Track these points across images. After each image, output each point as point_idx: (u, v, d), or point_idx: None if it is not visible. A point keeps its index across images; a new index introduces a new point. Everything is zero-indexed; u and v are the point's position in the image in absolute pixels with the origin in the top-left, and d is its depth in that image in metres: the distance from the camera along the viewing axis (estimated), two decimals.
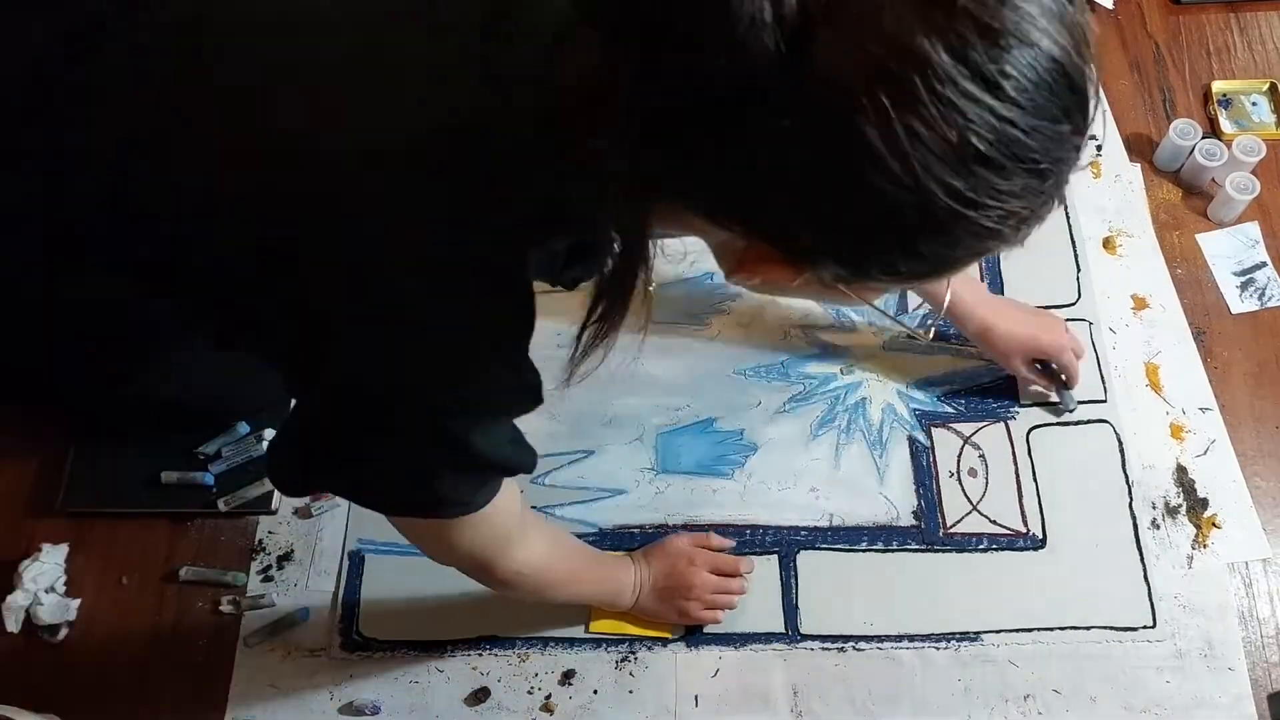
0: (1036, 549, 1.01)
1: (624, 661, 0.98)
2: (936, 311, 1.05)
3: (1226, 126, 1.23)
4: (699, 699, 0.96)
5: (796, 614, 0.99)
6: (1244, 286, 1.14)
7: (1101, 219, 1.18)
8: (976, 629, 0.98)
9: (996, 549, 1.02)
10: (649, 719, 0.96)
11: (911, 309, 1.13)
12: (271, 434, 1.07)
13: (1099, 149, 1.22)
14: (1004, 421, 1.08)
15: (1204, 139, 1.17)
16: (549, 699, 0.97)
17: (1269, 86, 1.25)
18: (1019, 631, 0.98)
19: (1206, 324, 1.12)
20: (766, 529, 1.03)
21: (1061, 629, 0.98)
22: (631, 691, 0.97)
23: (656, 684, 0.97)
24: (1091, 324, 1.12)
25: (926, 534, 1.03)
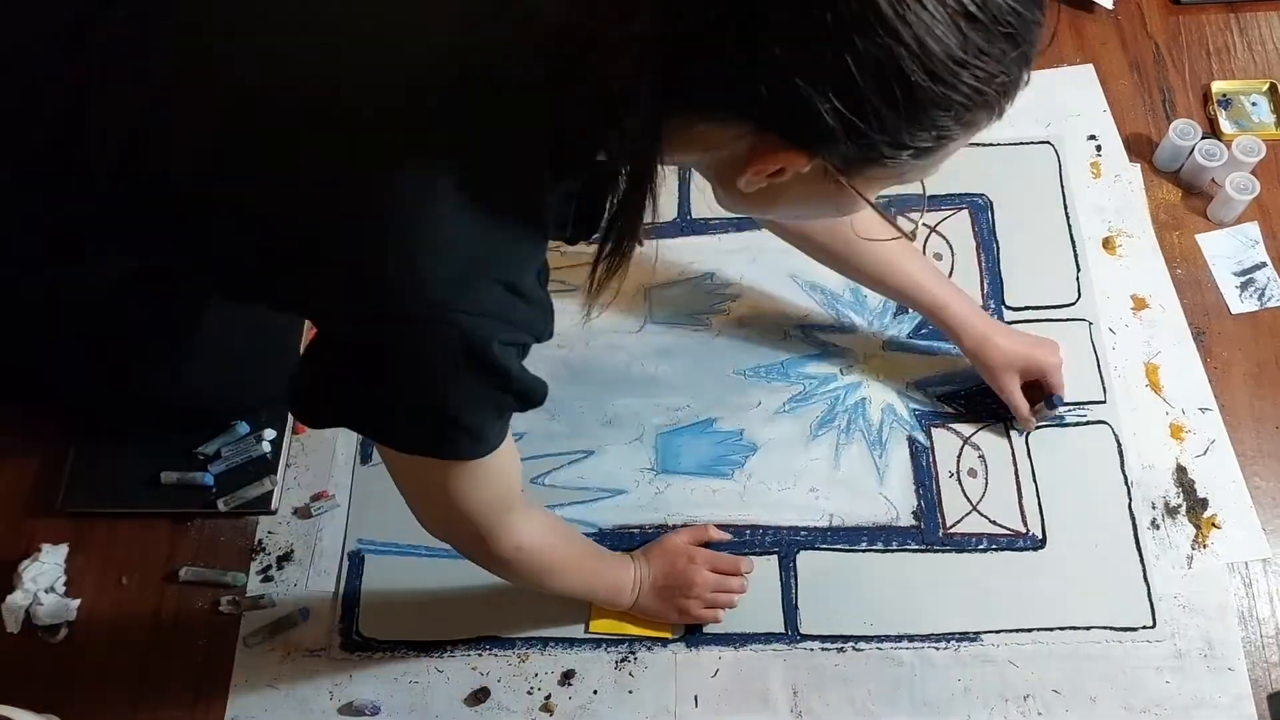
0: (1036, 549, 1.02)
1: (624, 661, 0.98)
2: (929, 316, 1.05)
3: (1226, 127, 1.23)
4: (699, 699, 0.96)
5: (796, 614, 0.99)
6: (1244, 287, 1.14)
7: (1101, 219, 1.18)
8: (976, 629, 0.98)
9: (996, 549, 1.02)
10: (649, 719, 0.96)
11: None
12: (272, 434, 1.07)
13: (1099, 149, 1.22)
14: (1004, 422, 1.08)
15: (1204, 139, 1.17)
16: (549, 699, 0.97)
17: (1269, 87, 1.25)
18: (1019, 632, 0.98)
19: (1206, 324, 1.12)
20: (766, 529, 1.03)
21: (1061, 629, 0.98)
22: (631, 691, 0.97)
23: (656, 684, 0.97)
24: (1091, 324, 1.12)
25: (926, 534, 1.03)
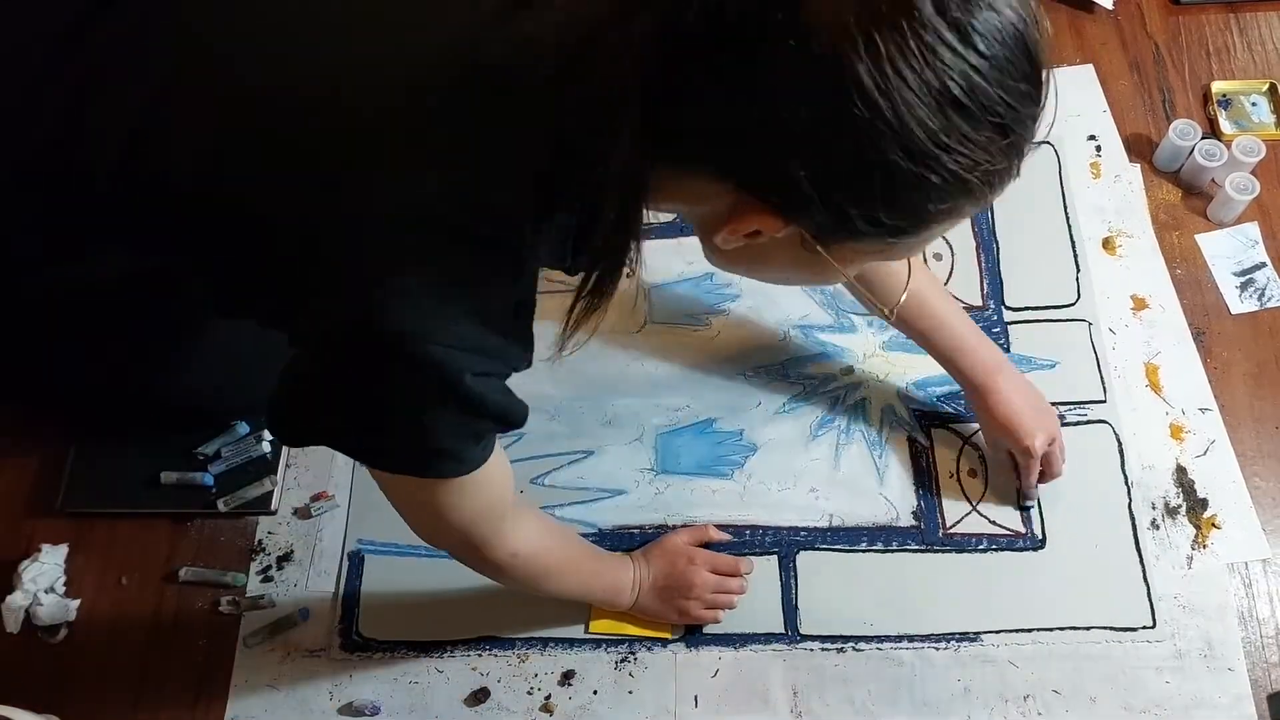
0: (1036, 549, 1.01)
1: (624, 662, 0.98)
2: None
3: (1226, 127, 1.23)
4: (699, 699, 0.96)
5: (796, 614, 0.99)
6: (1243, 287, 1.14)
7: (1101, 219, 1.18)
8: (976, 629, 0.98)
9: (996, 549, 1.02)
10: (649, 719, 0.96)
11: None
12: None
13: (1098, 149, 1.22)
14: None
15: (1204, 139, 1.17)
16: (549, 699, 0.97)
17: (1269, 87, 1.25)
18: (1019, 632, 0.98)
19: (1206, 324, 1.12)
20: (766, 529, 1.03)
21: (1061, 629, 0.98)
22: (631, 692, 0.97)
23: (656, 684, 0.97)
24: (1091, 324, 1.12)
25: (926, 534, 1.03)
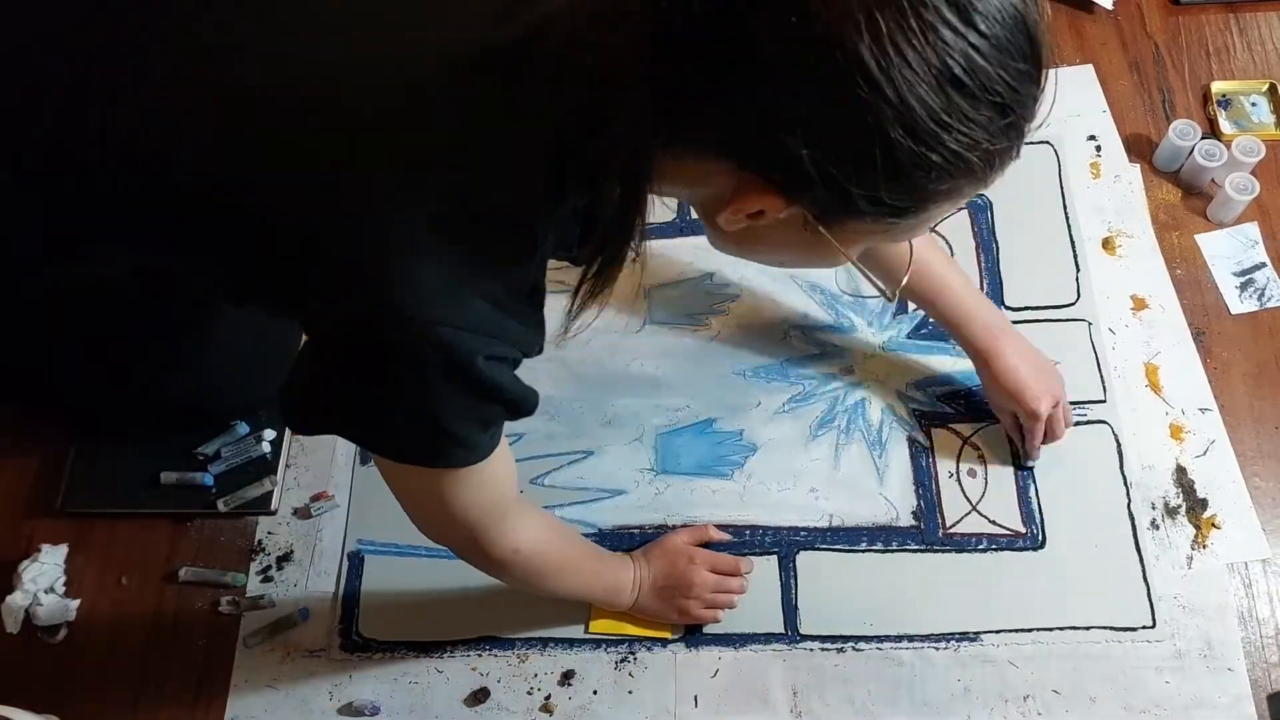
0: (1036, 549, 1.01)
1: (623, 662, 0.98)
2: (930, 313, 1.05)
3: (1226, 127, 1.23)
4: (699, 699, 0.96)
5: (796, 614, 0.99)
6: (1243, 287, 1.14)
7: (1101, 219, 1.18)
8: (976, 629, 0.98)
9: (996, 549, 1.02)
10: (649, 719, 0.96)
11: (912, 310, 1.14)
12: (272, 434, 1.07)
13: (1098, 149, 1.22)
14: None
15: (1203, 139, 1.17)
16: (548, 699, 0.97)
17: (1268, 87, 1.25)
18: (1018, 632, 0.98)
19: (1206, 324, 1.12)
20: (766, 529, 1.03)
21: (1061, 629, 0.98)
22: (631, 692, 0.97)
23: (656, 684, 0.97)
24: (1091, 324, 1.12)
25: (926, 534, 1.03)
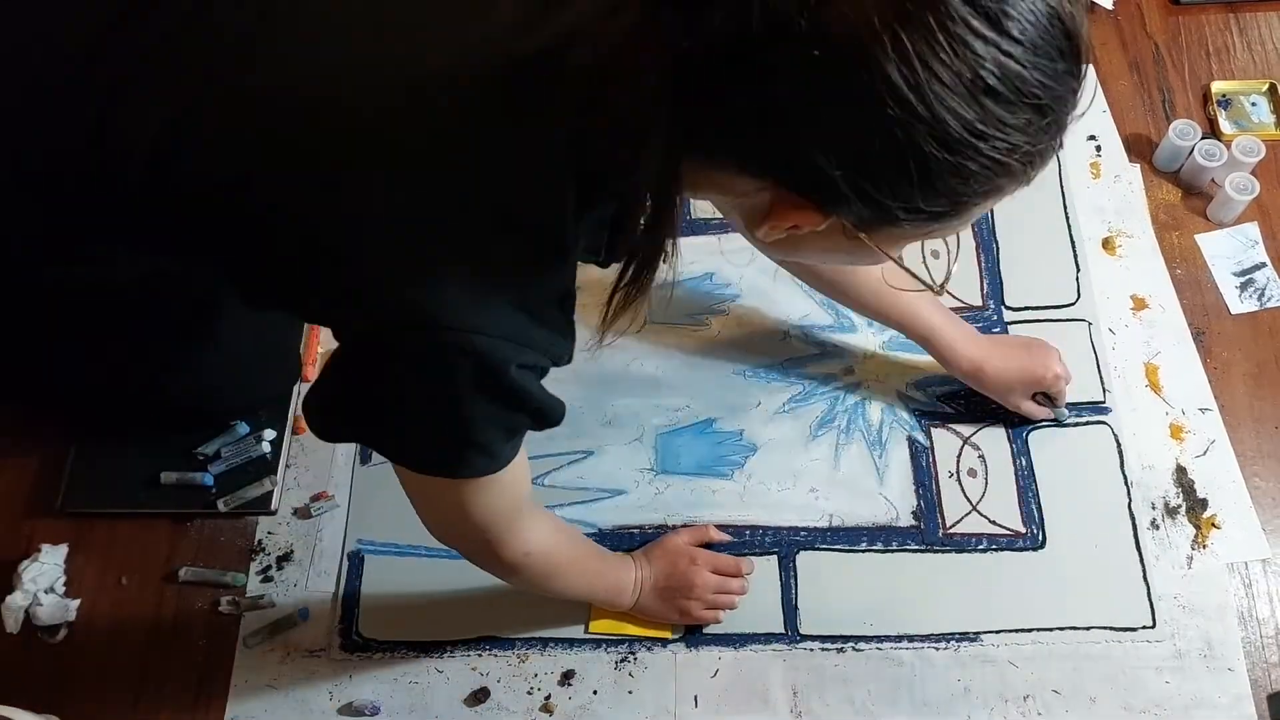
0: (1036, 549, 1.01)
1: (623, 662, 0.98)
2: (922, 345, 1.05)
3: (1226, 127, 1.23)
4: (699, 699, 0.96)
5: (796, 614, 0.99)
6: (1243, 287, 1.14)
7: (1101, 219, 1.18)
8: (976, 629, 0.98)
9: (996, 549, 1.02)
10: (649, 719, 0.96)
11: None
12: (272, 434, 1.07)
13: (1098, 149, 1.22)
14: (1003, 422, 1.08)
15: (1203, 139, 1.17)
16: (549, 699, 0.97)
17: (1268, 87, 1.25)
18: (1018, 632, 0.98)
19: (1206, 324, 1.12)
20: (766, 529, 1.03)
21: (1061, 629, 0.98)
22: (631, 692, 0.97)
23: (656, 684, 0.97)
24: (1091, 324, 1.12)
25: (926, 534, 1.03)
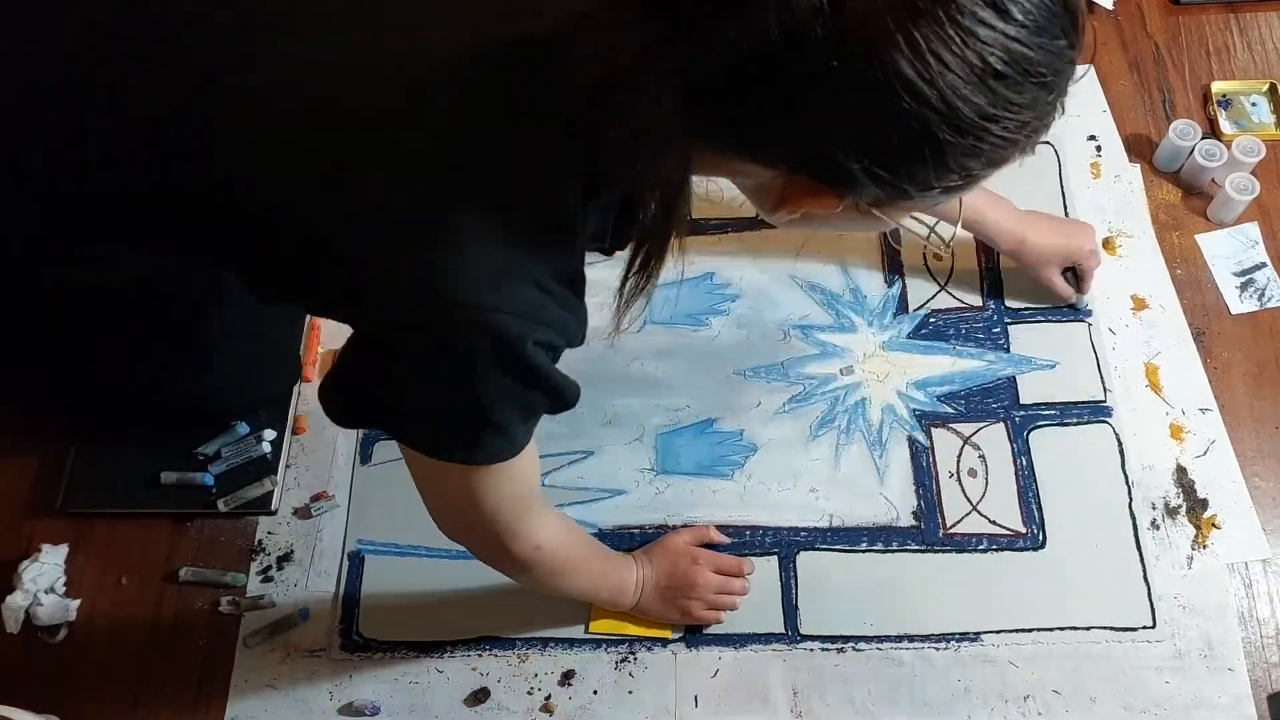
0: (1036, 549, 1.01)
1: (624, 662, 0.98)
2: (968, 228, 1.10)
3: (1226, 127, 1.23)
4: (699, 699, 0.96)
5: (796, 614, 0.99)
6: (1244, 287, 1.14)
7: (1101, 219, 1.18)
8: (976, 629, 0.98)
9: (996, 549, 1.02)
10: (649, 719, 0.96)
11: (912, 310, 1.14)
12: (272, 434, 1.07)
13: (1099, 149, 1.22)
14: (1004, 422, 1.08)
15: (1204, 139, 1.17)
16: (549, 699, 0.97)
17: (1269, 87, 1.25)
18: (1019, 632, 0.98)
19: (1206, 324, 1.12)
20: (766, 530, 1.03)
21: (1061, 629, 0.98)
22: (631, 692, 0.97)
23: (656, 684, 0.97)
24: (1091, 324, 1.12)
25: (926, 534, 1.03)
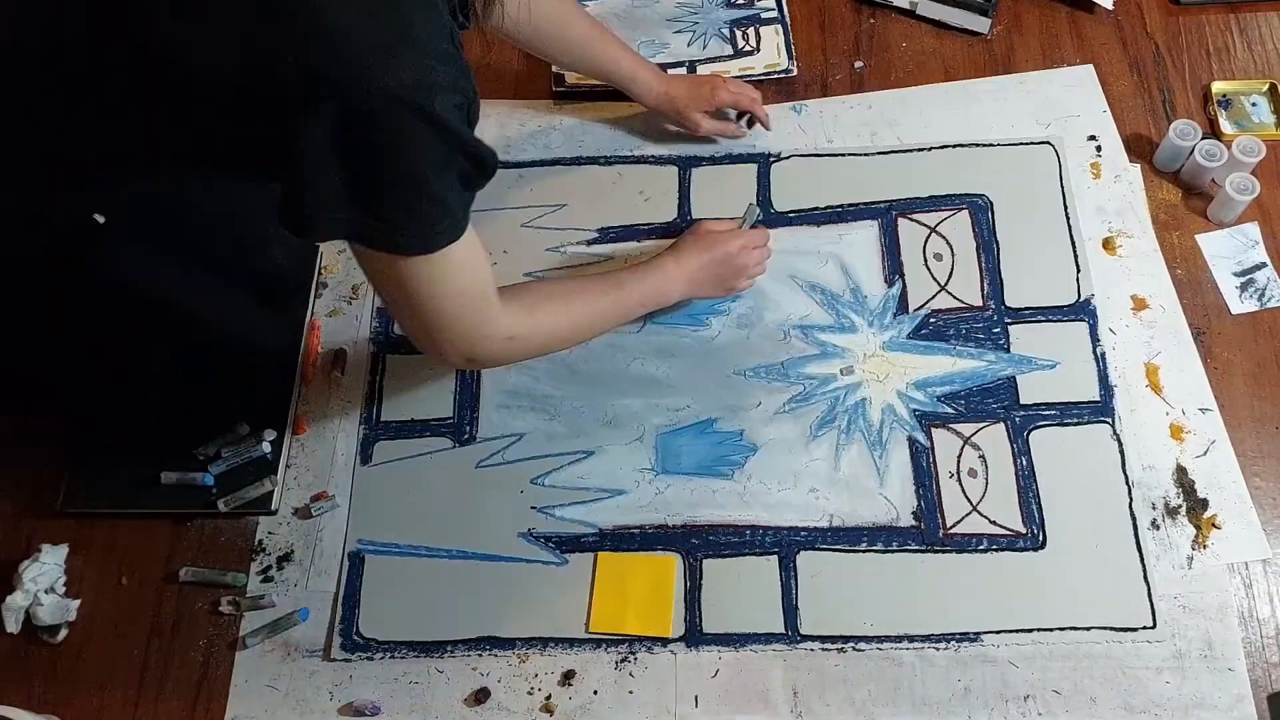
0: (1036, 550, 1.01)
1: (624, 662, 0.98)
2: (623, 89, 1.19)
3: (1226, 127, 1.23)
4: (699, 699, 0.96)
5: (796, 614, 0.99)
6: (1244, 287, 1.14)
7: (1101, 219, 1.18)
8: (976, 629, 0.98)
9: (996, 549, 1.02)
10: (649, 719, 0.96)
11: (912, 310, 1.14)
12: (272, 435, 1.07)
13: (1099, 149, 1.22)
14: (1004, 422, 1.08)
15: (1204, 139, 1.17)
16: (549, 699, 0.97)
17: (1269, 87, 1.25)
18: (1019, 632, 0.98)
19: (1206, 324, 1.12)
20: (766, 530, 1.03)
21: (1061, 629, 0.98)
22: (631, 692, 0.97)
23: (656, 684, 0.97)
24: (1091, 324, 1.12)
25: (926, 535, 1.03)
